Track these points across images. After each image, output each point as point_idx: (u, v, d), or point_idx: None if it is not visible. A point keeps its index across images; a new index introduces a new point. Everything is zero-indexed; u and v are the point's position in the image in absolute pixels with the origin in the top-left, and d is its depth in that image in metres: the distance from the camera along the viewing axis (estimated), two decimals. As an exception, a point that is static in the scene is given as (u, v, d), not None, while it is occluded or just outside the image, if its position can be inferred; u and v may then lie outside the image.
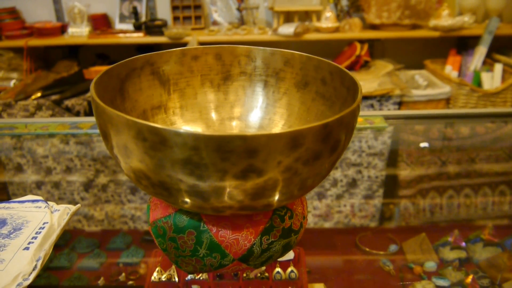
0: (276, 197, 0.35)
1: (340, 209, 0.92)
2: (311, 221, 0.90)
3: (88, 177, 0.96)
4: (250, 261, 0.41)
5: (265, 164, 0.31)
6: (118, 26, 2.10)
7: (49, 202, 0.53)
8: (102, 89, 0.41)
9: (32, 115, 1.69)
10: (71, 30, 1.99)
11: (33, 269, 0.41)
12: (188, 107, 0.52)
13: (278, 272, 0.62)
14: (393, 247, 0.72)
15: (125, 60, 0.46)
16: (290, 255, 0.64)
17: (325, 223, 0.90)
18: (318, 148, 0.33)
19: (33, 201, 0.52)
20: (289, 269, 0.62)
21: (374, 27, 2.06)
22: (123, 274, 0.66)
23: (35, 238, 0.45)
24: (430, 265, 0.66)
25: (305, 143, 0.31)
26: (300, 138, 0.31)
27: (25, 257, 0.43)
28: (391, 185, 0.97)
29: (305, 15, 2.11)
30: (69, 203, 0.94)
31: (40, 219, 0.48)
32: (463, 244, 0.69)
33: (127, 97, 0.46)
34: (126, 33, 2.01)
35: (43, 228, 0.47)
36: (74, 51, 2.11)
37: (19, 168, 1.00)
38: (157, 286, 0.60)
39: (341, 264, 0.71)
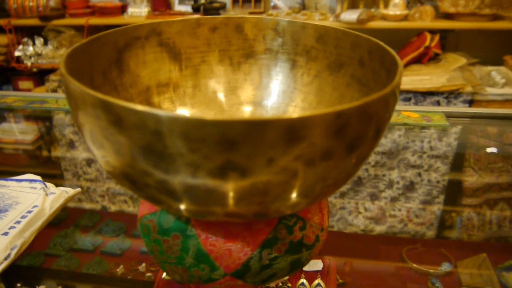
0: (272, 205, 0.27)
1: (394, 213, 0.86)
2: (361, 223, 0.83)
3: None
4: (247, 278, 0.33)
5: (249, 161, 0.23)
6: (177, 7, 2.08)
7: (47, 183, 0.48)
8: (89, 58, 0.35)
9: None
10: (130, 10, 1.99)
11: (5, 259, 0.36)
12: (201, 87, 0.45)
13: (302, 283, 0.54)
14: (446, 265, 0.63)
15: (124, 26, 0.39)
16: (319, 265, 0.57)
17: (376, 226, 0.83)
18: (329, 144, 0.24)
19: (30, 180, 0.48)
20: (316, 282, 0.54)
21: (448, 16, 1.87)
22: (144, 264, 0.62)
23: (18, 222, 0.40)
24: (488, 291, 0.56)
25: (308, 137, 0.23)
26: (300, 130, 0.22)
27: (1, 243, 0.38)
28: (454, 192, 0.90)
29: (372, 1, 1.97)
30: (116, 183, 0.92)
31: (31, 201, 0.44)
32: (533, 270, 0.59)
33: (127, 70, 0.40)
34: (184, 15, 1.98)
35: (30, 212, 0.42)
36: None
37: (71, 145, 1.00)
38: (168, 284, 0.55)
39: (383, 278, 0.63)
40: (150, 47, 0.41)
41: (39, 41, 2.16)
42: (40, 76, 2.21)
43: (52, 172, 0.88)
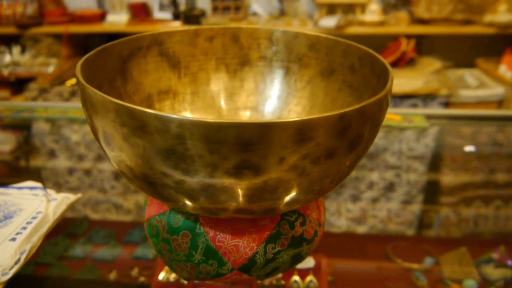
0: (280, 201, 0.29)
1: (375, 214, 0.88)
2: (343, 224, 0.85)
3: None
4: (252, 271, 0.35)
5: (263, 161, 0.25)
6: (157, 15, 2.09)
7: (48, 190, 0.49)
8: (97, 68, 0.37)
9: (66, 101, 1.70)
10: (110, 17, 1.99)
11: (16, 263, 0.37)
12: (200, 94, 0.47)
13: (295, 281, 0.56)
14: (429, 260, 0.65)
15: (128, 37, 0.41)
16: (310, 262, 0.59)
17: (358, 227, 0.85)
18: (333, 143, 0.27)
19: (31, 188, 0.49)
20: (308, 278, 0.57)
21: (422, 21, 1.94)
22: (136, 269, 0.63)
23: (24, 228, 0.42)
24: (470, 283, 0.60)
25: (315, 137, 0.25)
26: (308, 131, 0.25)
27: (10, 248, 0.39)
28: (432, 191, 0.92)
29: (349, 8, 2.02)
30: (99, 191, 0.92)
31: (34, 208, 0.45)
32: (510, 262, 0.62)
33: (130, 79, 0.42)
34: (164, 22, 1.99)
35: (35, 218, 0.43)
36: (112, 39, 2.12)
37: (52, 154, 1.00)
38: (165, 286, 0.56)
39: (369, 275, 0.65)
40: (151, 57, 0.43)
41: (16, 49, 2.13)
42: (18, 85, 2.18)
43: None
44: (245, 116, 0.47)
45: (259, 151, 0.25)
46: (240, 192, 0.27)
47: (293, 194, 0.29)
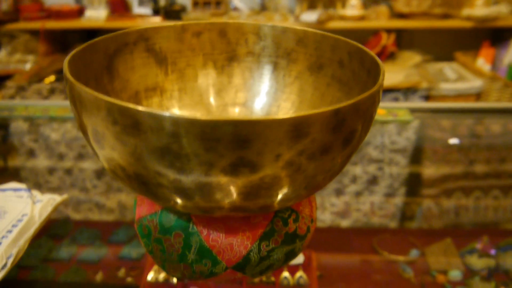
0: (276, 198, 0.29)
1: (359, 207, 0.89)
2: (327, 218, 0.85)
3: (100, 165, 0.93)
4: (246, 270, 0.35)
5: (259, 158, 0.25)
6: (137, 10, 2.06)
7: (32, 191, 0.48)
8: (84, 64, 0.36)
9: (45, 98, 1.67)
10: (88, 13, 1.95)
11: (2, 268, 0.36)
12: (187, 90, 0.46)
13: (285, 277, 0.56)
14: (414, 252, 0.66)
15: (114, 33, 0.40)
16: (300, 258, 0.59)
17: (342, 221, 0.86)
18: (328, 139, 0.27)
19: (15, 189, 0.47)
20: (298, 274, 0.57)
21: (402, 16, 1.96)
22: (123, 269, 0.62)
23: (10, 232, 0.40)
24: (455, 273, 0.61)
25: (311, 133, 0.25)
26: (304, 127, 0.25)
27: (-4, 252, 0.38)
28: (414, 184, 0.94)
29: (330, 2, 2.03)
30: (81, 191, 0.90)
31: (19, 210, 0.44)
32: (493, 251, 0.63)
33: (117, 76, 0.41)
34: (144, 17, 1.96)
35: (21, 220, 0.42)
36: (91, 35, 2.08)
37: (31, 153, 0.97)
38: (153, 286, 0.56)
39: (356, 268, 0.66)
40: (138, 53, 0.43)
41: (-9, 46, 2.07)
42: (-7, 82, 2.13)
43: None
44: (234, 112, 0.46)
45: (256, 148, 0.24)
46: (236, 190, 0.27)
47: (288, 190, 0.28)
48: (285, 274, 0.56)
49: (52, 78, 1.71)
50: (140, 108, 0.24)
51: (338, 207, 0.89)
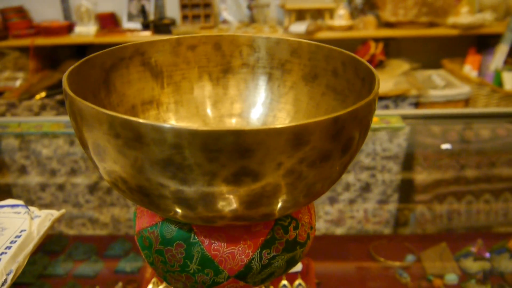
0: (277, 206, 0.29)
1: (352, 215, 0.89)
2: (322, 226, 0.86)
3: (93, 180, 0.93)
4: (248, 278, 0.35)
5: (262, 167, 0.25)
6: (126, 25, 2.07)
7: (30, 207, 0.48)
8: (81, 80, 0.36)
9: (36, 115, 1.66)
10: (78, 29, 1.95)
11: (2, 284, 0.36)
12: (183, 103, 0.47)
13: (284, 285, 0.56)
14: (410, 257, 0.67)
15: (110, 48, 0.41)
16: (298, 266, 0.59)
17: (337, 229, 0.86)
18: (327, 147, 0.27)
19: (12, 205, 0.47)
20: (297, 282, 0.57)
21: (389, 25, 1.99)
22: (120, 283, 0.62)
23: (9, 248, 0.40)
24: (451, 277, 0.61)
25: (311, 141, 0.26)
26: (305, 135, 0.25)
27: (-5, 270, 0.38)
28: (406, 190, 0.94)
29: (318, 13, 2.05)
30: (74, 206, 0.90)
31: (17, 226, 0.43)
32: (487, 254, 0.64)
33: (113, 90, 0.41)
34: (133, 32, 1.97)
35: (19, 236, 0.42)
36: (81, 51, 2.08)
37: (23, 170, 0.97)
38: (152, 298, 0.55)
39: (354, 275, 0.66)
40: (134, 67, 0.43)
41: (-20, 64, 2.06)
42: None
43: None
44: (231, 123, 0.47)
45: (257, 157, 0.25)
46: (238, 199, 0.27)
47: (289, 198, 0.29)
48: (284, 282, 0.56)
49: (42, 94, 1.71)
50: (142, 121, 0.24)
51: (332, 215, 0.90)
